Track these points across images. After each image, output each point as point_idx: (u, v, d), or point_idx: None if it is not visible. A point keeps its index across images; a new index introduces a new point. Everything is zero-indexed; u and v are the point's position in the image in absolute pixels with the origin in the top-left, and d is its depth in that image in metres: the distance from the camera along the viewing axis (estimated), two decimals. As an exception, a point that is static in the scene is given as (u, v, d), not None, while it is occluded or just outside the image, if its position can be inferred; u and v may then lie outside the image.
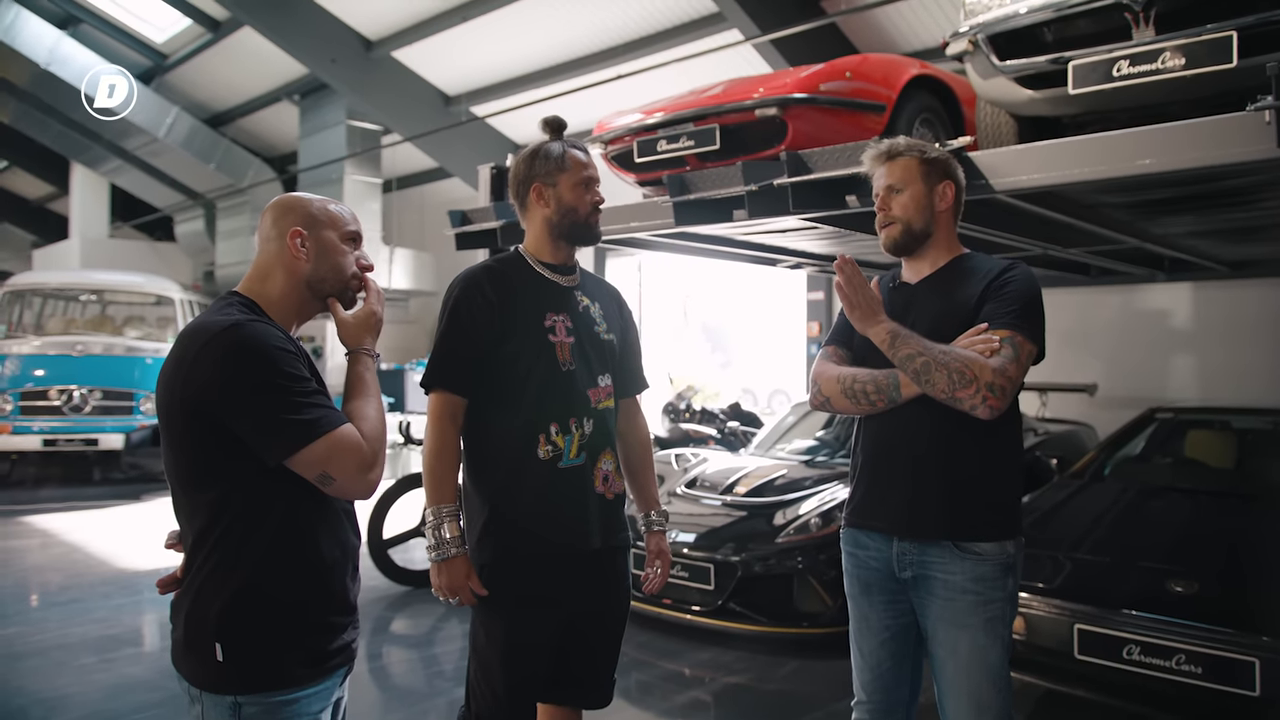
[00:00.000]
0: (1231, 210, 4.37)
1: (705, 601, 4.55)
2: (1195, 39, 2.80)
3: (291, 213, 1.75)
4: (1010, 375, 2.03)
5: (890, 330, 2.13)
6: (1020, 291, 2.14)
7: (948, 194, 2.29)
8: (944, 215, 2.30)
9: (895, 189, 2.27)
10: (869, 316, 2.17)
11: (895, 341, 2.12)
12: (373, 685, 4.32)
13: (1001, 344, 2.05)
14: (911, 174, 2.27)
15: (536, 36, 9.78)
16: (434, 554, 2.15)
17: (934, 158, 2.29)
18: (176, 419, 1.60)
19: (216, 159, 14.37)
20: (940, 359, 2.05)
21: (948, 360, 2.05)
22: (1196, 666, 3.06)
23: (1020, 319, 2.10)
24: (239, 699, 1.59)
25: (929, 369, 2.06)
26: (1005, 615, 2.15)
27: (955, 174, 2.32)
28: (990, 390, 2.01)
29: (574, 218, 2.26)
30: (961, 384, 2.02)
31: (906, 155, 2.28)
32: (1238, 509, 4.24)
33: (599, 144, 4.36)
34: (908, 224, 2.27)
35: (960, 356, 2.05)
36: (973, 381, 2.01)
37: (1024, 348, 2.07)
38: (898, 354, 2.11)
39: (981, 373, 2.01)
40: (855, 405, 2.25)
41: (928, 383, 2.07)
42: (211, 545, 1.61)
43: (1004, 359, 2.04)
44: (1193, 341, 7.55)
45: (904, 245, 2.30)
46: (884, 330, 2.14)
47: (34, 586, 6.05)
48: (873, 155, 2.34)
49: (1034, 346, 2.11)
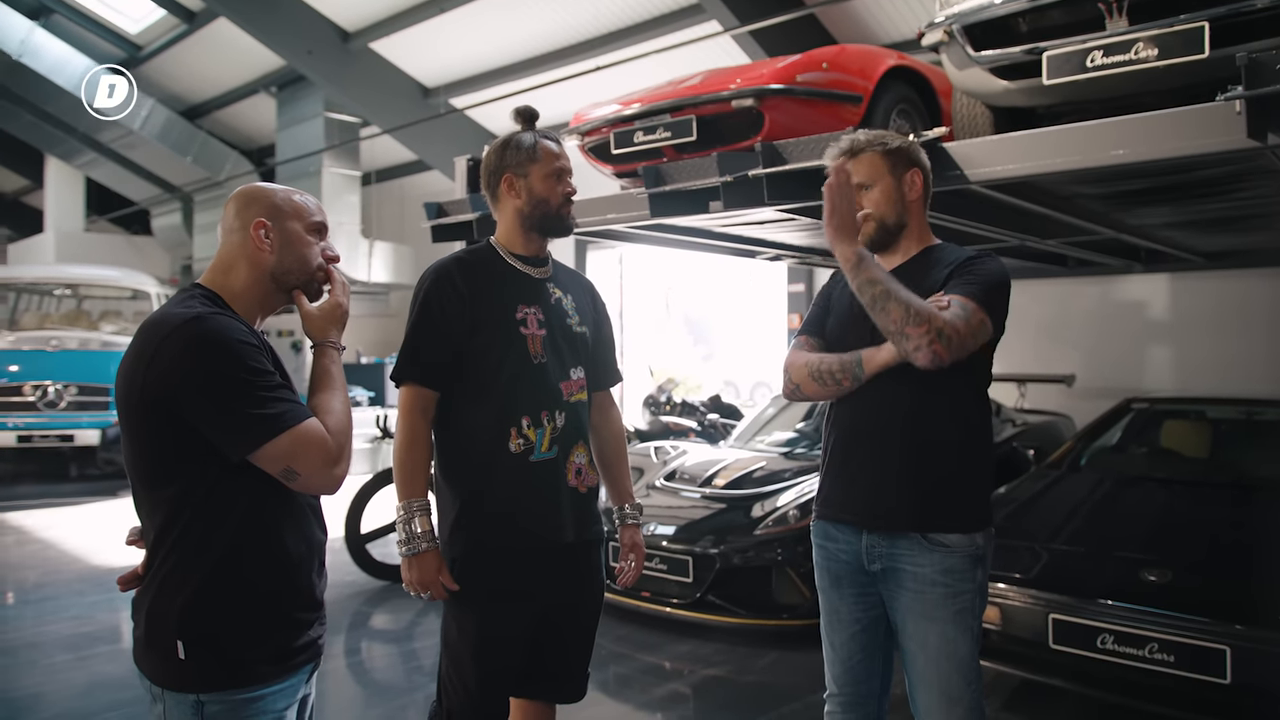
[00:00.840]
0: (1206, 201, 4.39)
1: (684, 594, 4.55)
2: (1168, 30, 2.83)
3: (255, 203, 1.72)
4: (960, 330, 1.99)
5: (858, 253, 2.09)
6: (986, 273, 2.13)
7: (916, 182, 2.27)
8: (915, 204, 2.28)
9: (864, 186, 2.25)
10: (844, 230, 2.10)
11: (860, 264, 2.07)
12: (350, 680, 4.30)
13: (950, 304, 2.04)
14: (878, 169, 2.25)
15: (515, 28, 9.72)
16: (405, 549, 2.13)
17: (896, 147, 2.27)
18: (136, 413, 1.57)
19: (193, 152, 14.23)
20: (899, 293, 2.02)
21: (907, 297, 2.02)
22: (1169, 655, 3.08)
23: (979, 291, 2.08)
24: (201, 697, 1.56)
25: (886, 298, 2.02)
26: (974, 607, 2.15)
27: (920, 160, 2.30)
28: (939, 336, 1.97)
29: (545, 209, 2.24)
30: (914, 321, 1.98)
31: (869, 150, 2.26)
32: (1213, 498, 4.27)
33: (576, 135, 4.33)
34: (881, 220, 2.25)
35: (916, 301, 2.02)
36: (925, 322, 1.98)
37: (976, 314, 2.04)
38: (859, 278, 2.07)
39: (934, 318, 1.99)
40: (823, 389, 2.23)
41: (882, 311, 2.03)
42: (173, 542, 1.58)
43: (955, 314, 2.01)
44: (1170, 332, 7.61)
45: (880, 241, 2.27)
46: (852, 251, 2.09)
47: (8, 584, 5.99)
48: (834, 153, 2.30)
49: (986, 317, 2.06)
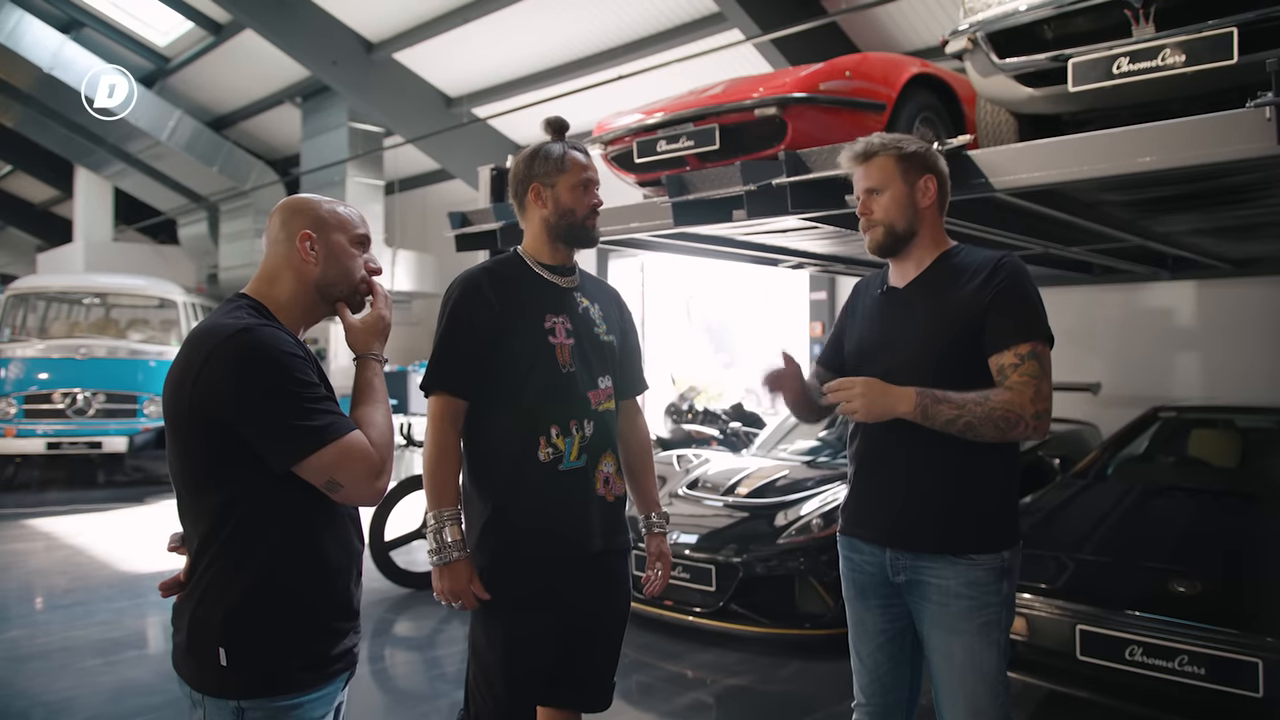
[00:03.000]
0: (1234, 208, 4.35)
1: (707, 603, 4.54)
2: (1195, 35, 2.79)
3: (300, 215, 1.74)
4: (1045, 393, 2.03)
5: (918, 405, 2.03)
6: (1021, 294, 2.10)
7: (930, 189, 2.20)
8: (928, 211, 2.21)
9: (875, 190, 2.20)
10: (875, 406, 2.04)
11: (928, 414, 2.04)
12: (375, 688, 4.32)
13: (1023, 361, 2.03)
14: (889, 173, 2.18)
15: (537, 37, 9.77)
16: (435, 558, 2.15)
17: (911, 152, 2.20)
18: (183, 421, 1.59)
19: (219, 162, 14.38)
20: (979, 414, 2.01)
21: (988, 413, 2.01)
22: (1199, 667, 3.05)
23: (1031, 326, 2.07)
24: (242, 703, 1.59)
25: (973, 428, 2.03)
26: (1001, 620, 2.12)
27: (936, 166, 2.23)
28: (1037, 418, 2.02)
29: (571, 219, 2.26)
30: (1009, 427, 2.02)
31: (882, 154, 2.19)
32: (1241, 508, 4.22)
33: (599, 144, 4.35)
34: (890, 226, 2.20)
35: (997, 405, 2.01)
36: (1019, 421, 2.01)
37: (1045, 356, 2.06)
38: (936, 423, 2.04)
39: (1024, 410, 2.01)
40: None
41: (978, 437, 2.04)
42: (217, 549, 1.60)
43: (1036, 385, 2.02)
44: (1197, 340, 7.52)
45: (889, 247, 2.22)
46: (907, 407, 2.04)
47: (38, 589, 6.06)
48: (849, 156, 2.25)
49: (1049, 345, 2.09)
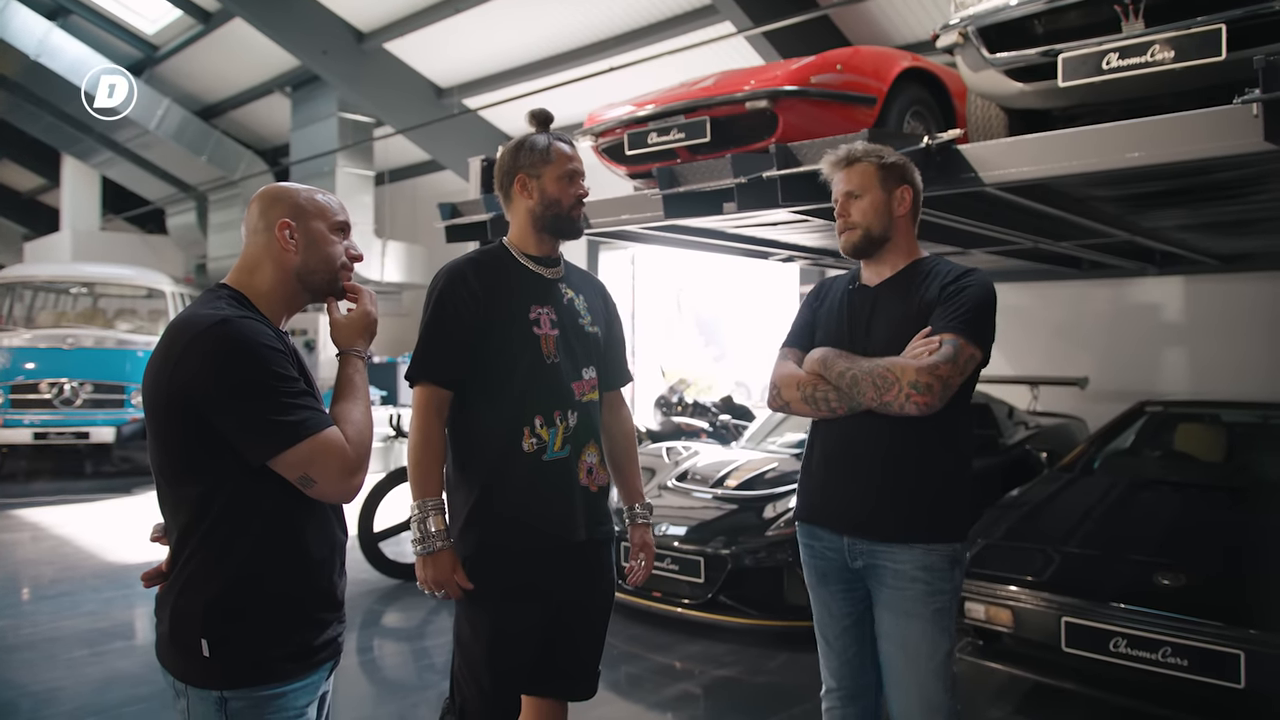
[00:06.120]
0: (1222, 204, 4.37)
1: (695, 594, 4.56)
2: (1184, 32, 2.81)
3: (279, 203, 1.73)
4: (941, 374, 2.08)
5: (819, 359, 2.27)
6: (971, 297, 2.19)
7: (905, 199, 2.32)
8: (902, 220, 2.33)
9: (854, 195, 2.32)
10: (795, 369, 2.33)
11: (825, 366, 2.24)
12: (363, 678, 4.32)
13: (941, 344, 2.12)
14: (869, 180, 2.31)
15: (529, 28, 9.74)
16: (419, 547, 2.15)
17: (891, 163, 2.32)
18: (162, 413, 1.59)
19: (208, 151, 14.29)
20: (863, 370, 2.16)
21: (870, 369, 2.15)
22: (1182, 659, 3.08)
23: (965, 323, 2.15)
24: (225, 693, 1.58)
25: (856, 382, 2.17)
26: (951, 609, 2.22)
27: (913, 178, 2.35)
28: (914, 388, 2.08)
29: (557, 210, 2.26)
30: (884, 388, 2.12)
31: (864, 161, 2.32)
32: (1227, 502, 4.25)
33: (590, 136, 4.34)
34: (867, 229, 2.32)
35: (880, 364, 2.14)
36: (893, 384, 2.10)
37: (964, 350, 2.12)
38: (830, 374, 2.23)
39: (902, 374, 2.10)
40: (814, 410, 2.31)
41: (859, 394, 2.17)
42: (198, 540, 1.59)
43: (937, 358, 2.10)
44: (1184, 335, 7.57)
45: (863, 249, 2.34)
46: (813, 362, 2.28)
47: (24, 580, 6.04)
48: (831, 161, 2.38)
49: (976, 349, 2.15)
